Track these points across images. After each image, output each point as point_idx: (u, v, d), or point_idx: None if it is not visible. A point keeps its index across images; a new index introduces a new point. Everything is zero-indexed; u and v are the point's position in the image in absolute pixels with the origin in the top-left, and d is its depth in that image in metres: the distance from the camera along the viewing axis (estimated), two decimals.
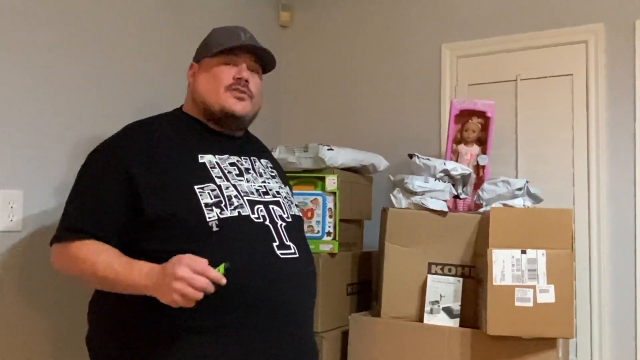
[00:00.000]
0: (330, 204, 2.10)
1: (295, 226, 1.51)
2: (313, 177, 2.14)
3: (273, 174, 1.61)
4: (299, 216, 1.57)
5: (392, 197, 2.03)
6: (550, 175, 2.36)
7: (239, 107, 1.49)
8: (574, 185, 2.33)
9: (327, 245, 2.08)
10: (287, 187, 1.65)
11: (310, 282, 1.50)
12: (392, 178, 2.10)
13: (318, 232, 2.09)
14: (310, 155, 2.16)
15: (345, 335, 2.08)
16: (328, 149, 2.14)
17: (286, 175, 1.76)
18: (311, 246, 1.99)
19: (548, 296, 1.73)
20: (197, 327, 1.32)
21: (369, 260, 2.36)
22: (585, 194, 2.31)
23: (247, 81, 1.50)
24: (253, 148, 1.63)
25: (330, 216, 2.10)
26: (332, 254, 2.10)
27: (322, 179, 2.11)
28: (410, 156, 2.08)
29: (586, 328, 2.28)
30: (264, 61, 1.58)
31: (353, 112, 2.77)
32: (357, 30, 2.79)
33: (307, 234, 2.01)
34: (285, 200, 1.54)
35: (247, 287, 1.33)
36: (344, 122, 2.78)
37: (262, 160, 1.61)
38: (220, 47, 1.49)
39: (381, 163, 2.38)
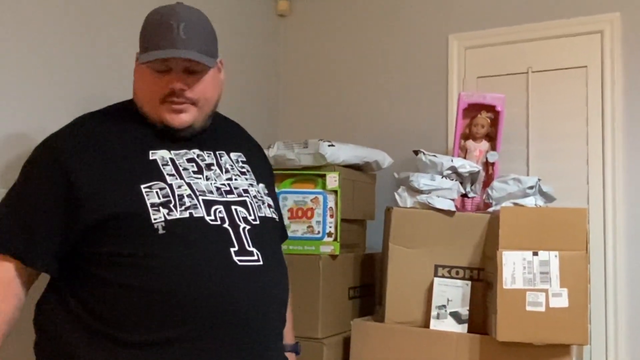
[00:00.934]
0: (331, 203, 2.05)
1: (264, 229, 1.38)
2: (313, 174, 2.08)
3: (243, 170, 1.47)
4: (270, 218, 1.44)
5: (397, 196, 1.98)
6: (564, 172, 2.31)
7: (178, 121, 1.35)
8: (588, 183, 2.28)
9: (327, 247, 2.03)
10: (263, 184, 1.51)
11: (275, 291, 1.37)
12: (396, 176, 2.05)
13: (318, 232, 2.04)
14: (310, 152, 2.09)
15: (347, 341, 2.03)
16: (329, 145, 2.08)
17: (270, 169, 1.65)
18: (311, 247, 2.01)
19: (561, 300, 1.69)
20: (138, 342, 1.22)
21: (372, 262, 2.31)
22: (600, 192, 2.26)
23: (182, 89, 1.33)
24: (222, 140, 1.49)
25: (332, 216, 2.04)
26: (333, 256, 2.04)
27: (323, 177, 2.06)
28: (416, 152, 2.03)
29: (601, 334, 2.23)
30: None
31: (355, 106, 2.73)
32: (359, 20, 2.75)
33: (307, 235, 2.01)
34: (255, 199, 1.41)
35: (196, 298, 1.23)
36: (346, 116, 2.74)
37: (231, 155, 1.47)
38: (151, 47, 1.32)
39: (385, 160, 2.32)
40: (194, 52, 1.30)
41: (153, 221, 1.24)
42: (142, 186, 1.27)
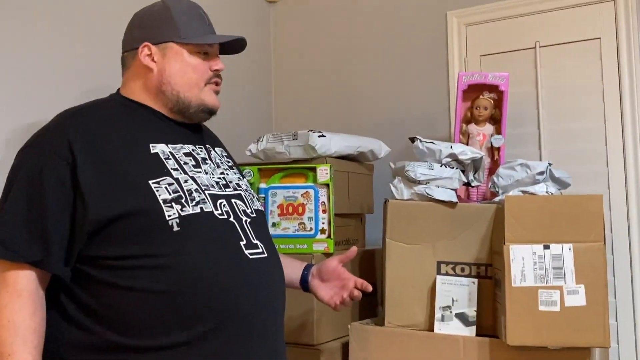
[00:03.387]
0: (323, 198, 1.98)
1: (260, 222, 1.45)
2: (303, 167, 2.01)
3: (230, 164, 1.53)
4: (261, 211, 1.50)
5: (392, 187, 1.90)
6: (580, 155, 2.23)
7: (218, 102, 1.46)
8: (607, 166, 2.20)
9: (321, 244, 1.96)
10: (246, 179, 1.61)
11: (281, 284, 1.44)
12: (392, 166, 1.97)
13: (310, 229, 1.97)
14: (300, 144, 2.03)
15: (345, 347, 1.97)
16: (319, 136, 2.01)
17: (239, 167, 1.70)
18: (303, 245, 1.97)
19: (578, 298, 1.62)
20: (153, 346, 1.22)
21: (373, 259, 2.23)
22: (621, 175, 2.17)
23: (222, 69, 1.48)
24: (206, 136, 1.55)
25: (324, 211, 1.97)
26: (327, 254, 1.96)
27: (313, 170, 1.99)
28: (412, 140, 1.94)
29: (629, 333, 2.13)
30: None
31: (351, 93, 2.69)
32: (351, 2, 2.70)
33: (299, 233, 1.97)
34: (247, 193, 1.47)
35: (216, 294, 1.25)
36: (341, 104, 2.71)
37: (217, 149, 1.53)
38: (195, 33, 1.42)
39: (382, 149, 2.25)
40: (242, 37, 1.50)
41: (167, 218, 1.24)
42: (151, 182, 1.27)
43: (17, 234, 1.21)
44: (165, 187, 1.27)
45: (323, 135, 2.01)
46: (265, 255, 1.36)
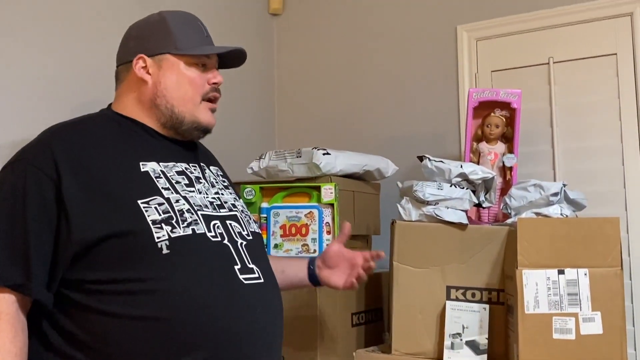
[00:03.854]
0: (327, 218, 1.93)
1: (257, 245, 1.40)
2: (307, 187, 1.97)
3: (225, 184, 1.50)
4: (258, 233, 1.46)
5: (400, 208, 1.88)
6: (596, 174, 2.19)
7: (214, 120, 1.42)
8: (625, 187, 2.15)
9: None
10: (241, 200, 1.56)
11: (278, 310, 1.39)
12: (399, 185, 1.95)
13: (314, 251, 1.91)
14: (303, 162, 2.00)
15: None
16: (324, 154, 1.98)
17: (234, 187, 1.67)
18: None
19: (594, 326, 1.60)
20: None
21: (379, 283, 2.19)
22: (639, 196, 2.13)
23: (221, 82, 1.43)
24: (201, 154, 1.51)
25: (328, 232, 1.92)
26: None
27: (318, 189, 1.95)
28: (421, 159, 1.91)
29: None
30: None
31: (357, 109, 2.68)
32: (357, 15, 2.70)
33: (302, 254, 1.92)
34: (243, 214, 1.43)
35: (207, 322, 1.21)
36: (347, 120, 2.69)
37: (211, 168, 1.50)
38: (191, 44, 1.39)
39: (389, 167, 2.22)
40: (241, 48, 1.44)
41: (156, 240, 1.21)
42: (140, 201, 1.24)
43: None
44: (155, 207, 1.24)
45: (328, 153, 1.98)
46: (262, 280, 1.32)
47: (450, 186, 1.84)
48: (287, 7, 2.85)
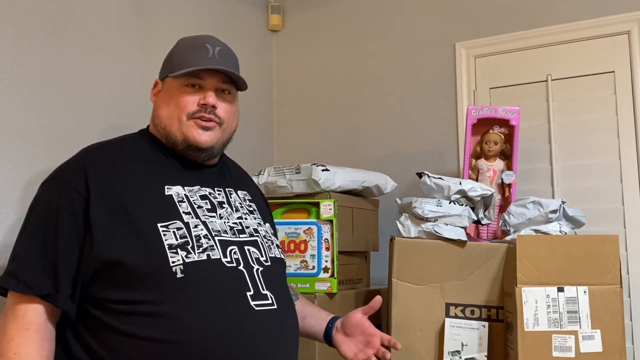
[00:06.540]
0: (326, 234, 1.92)
1: (275, 271, 1.40)
2: (306, 203, 1.96)
3: (251, 209, 1.49)
4: (280, 259, 1.46)
5: (399, 225, 1.87)
6: (595, 192, 2.19)
7: (205, 138, 1.38)
8: (623, 204, 2.15)
9: (324, 284, 1.90)
10: (268, 223, 1.54)
11: (291, 336, 1.38)
12: (398, 202, 1.94)
13: (313, 268, 1.91)
14: (302, 178, 2.00)
15: None
16: (323, 170, 1.97)
17: (269, 206, 1.64)
18: (306, 285, 1.90)
19: (593, 344, 1.60)
20: None
21: None
22: (638, 213, 2.13)
23: (214, 107, 1.38)
24: (229, 177, 1.52)
25: (327, 248, 1.91)
26: (330, 294, 1.90)
27: (317, 205, 1.94)
28: (420, 175, 1.91)
29: None
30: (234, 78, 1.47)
31: (356, 125, 2.68)
32: (356, 33, 2.71)
33: (301, 271, 1.92)
34: (265, 239, 1.43)
35: (216, 347, 1.22)
36: (346, 136, 2.69)
37: (239, 192, 1.50)
38: (184, 65, 1.39)
39: (387, 184, 2.22)
40: (232, 70, 1.39)
41: (171, 264, 1.24)
42: (159, 225, 1.27)
43: (30, 267, 1.23)
44: (174, 232, 1.26)
45: (327, 169, 1.97)
46: (275, 307, 1.31)
47: (450, 203, 1.83)
48: (287, 23, 2.86)
